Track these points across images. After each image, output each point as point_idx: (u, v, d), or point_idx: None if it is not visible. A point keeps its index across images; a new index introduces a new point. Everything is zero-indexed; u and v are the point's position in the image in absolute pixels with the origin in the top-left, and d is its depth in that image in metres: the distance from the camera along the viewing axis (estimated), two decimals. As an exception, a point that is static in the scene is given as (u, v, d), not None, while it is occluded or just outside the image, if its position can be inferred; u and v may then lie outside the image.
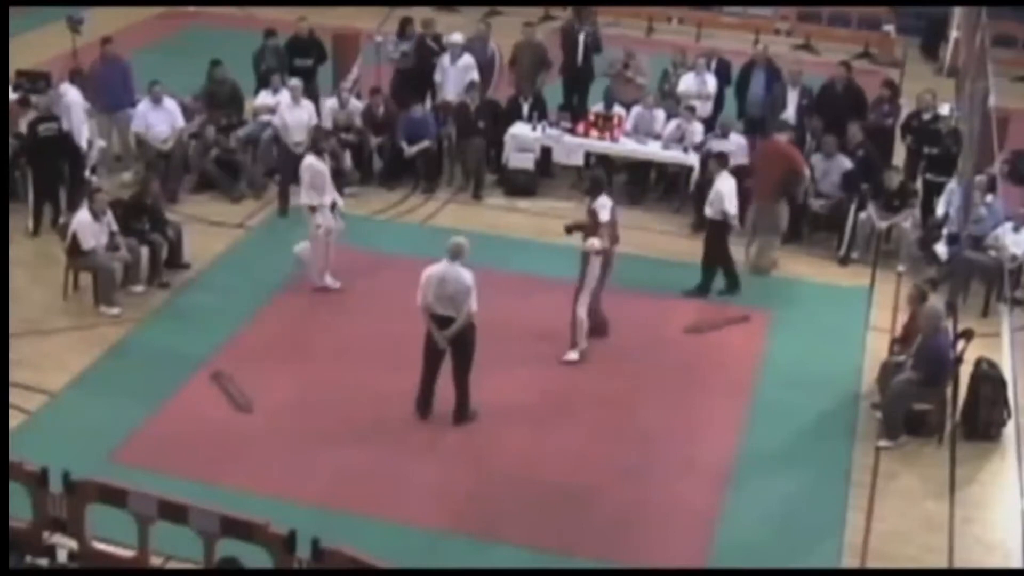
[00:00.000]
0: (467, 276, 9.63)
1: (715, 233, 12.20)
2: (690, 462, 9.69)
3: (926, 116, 13.98)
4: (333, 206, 11.95)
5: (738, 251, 12.55)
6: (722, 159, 12.35)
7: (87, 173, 13.43)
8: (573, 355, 10.94)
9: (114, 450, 9.40)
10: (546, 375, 10.77)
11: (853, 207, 13.11)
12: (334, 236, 11.95)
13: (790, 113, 14.27)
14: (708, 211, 12.16)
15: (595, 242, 10.64)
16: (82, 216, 11.55)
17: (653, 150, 14.33)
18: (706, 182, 12.77)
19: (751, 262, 12.78)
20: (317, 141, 12.36)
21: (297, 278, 12.16)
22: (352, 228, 12.30)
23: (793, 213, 13.15)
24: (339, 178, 14.21)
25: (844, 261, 13.13)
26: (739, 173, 12.58)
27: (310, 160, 11.83)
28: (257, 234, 13.36)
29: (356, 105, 14.77)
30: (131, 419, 9.82)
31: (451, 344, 9.77)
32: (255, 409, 10.07)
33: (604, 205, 10.76)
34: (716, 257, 12.27)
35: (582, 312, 10.85)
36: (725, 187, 11.98)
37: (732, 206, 11.97)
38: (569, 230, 11.16)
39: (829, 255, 13.26)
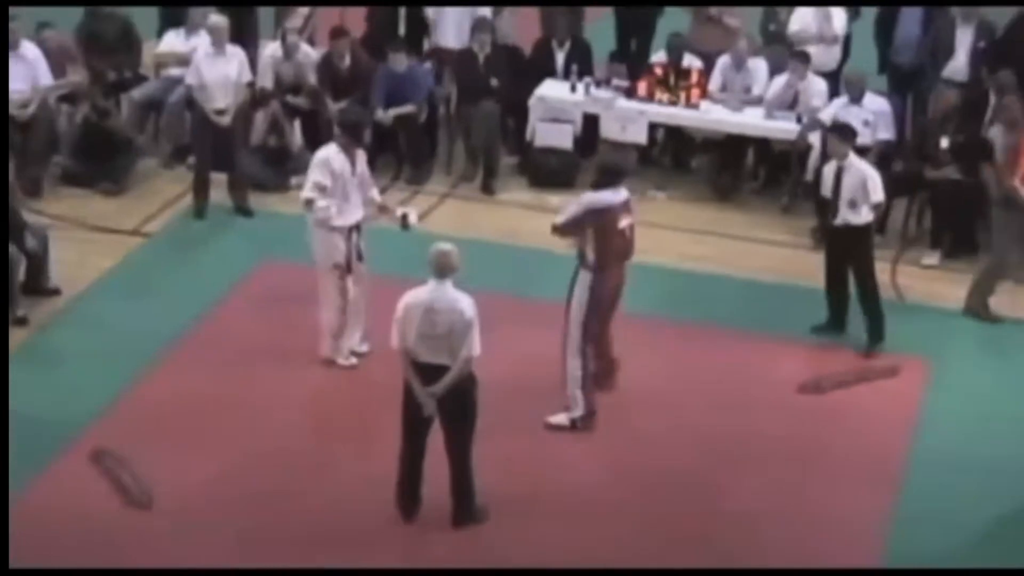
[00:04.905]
0: (466, 304, 9.60)
1: (853, 244, 12.11)
2: (809, 582, 9.69)
3: None
4: (357, 228, 11.61)
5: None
6: (844, 133, 12.18)
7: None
8: (561, 419, 11.00)
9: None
10: (586, 447, 10.86)
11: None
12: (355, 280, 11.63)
13: (960, 62, 14.42)
14: (847, 215, 11.98)
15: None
16: None
17: (751, 120, 14.40)
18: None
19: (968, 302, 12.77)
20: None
21: (224, 308, 12.19)
22: (303, 234, 12.21)
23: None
24: (284, 162, 14.32)
25: (1039, 285, 13.17)
26: (884, 156, 12.50)
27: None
28: (161, 244, 13.56)
29: (309, 54, 14.83)
30: (-33, 517, 9.83)
31: (442, 407, 9.73)
32: (155, 503, 10.07)
33: (583, 200, 10.92)
34: (860, 281, 12.16)
35: (572, 359, 10.87)
36: (868, 170, 11.88)
37: (881, 195, 11.90)
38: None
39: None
